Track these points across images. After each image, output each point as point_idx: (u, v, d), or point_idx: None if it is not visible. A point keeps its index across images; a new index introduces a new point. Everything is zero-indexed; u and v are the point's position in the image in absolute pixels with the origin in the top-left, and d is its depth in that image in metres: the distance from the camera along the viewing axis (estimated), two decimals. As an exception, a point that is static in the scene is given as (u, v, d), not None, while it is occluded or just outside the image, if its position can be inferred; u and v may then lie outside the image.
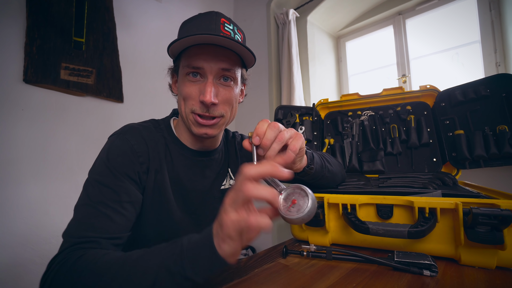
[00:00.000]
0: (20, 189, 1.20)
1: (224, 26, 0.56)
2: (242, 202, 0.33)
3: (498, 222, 0.44)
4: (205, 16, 0.57)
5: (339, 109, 1.00)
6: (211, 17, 0.57)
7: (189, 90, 0.56)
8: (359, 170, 0.88)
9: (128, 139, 0.55)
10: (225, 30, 0.56)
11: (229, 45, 0.54)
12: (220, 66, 0.55)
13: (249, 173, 0.33)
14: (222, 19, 0.57)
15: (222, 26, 0.56)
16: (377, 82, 1.93)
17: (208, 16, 0.57)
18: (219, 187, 0.67)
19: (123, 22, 1.61)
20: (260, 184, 0.34)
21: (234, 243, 0.34)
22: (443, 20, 1.62)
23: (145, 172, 0.55)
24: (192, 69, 0.55)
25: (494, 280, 0.43)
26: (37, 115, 1.27)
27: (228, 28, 0.57)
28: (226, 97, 0.57)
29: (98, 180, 0.50)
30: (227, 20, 0.58)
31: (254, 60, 0.60)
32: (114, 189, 0.49)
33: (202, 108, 0.55)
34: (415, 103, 0.88)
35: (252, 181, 0.33)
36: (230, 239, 0.34)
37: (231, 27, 0.58)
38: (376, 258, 0.49)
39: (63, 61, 1.32)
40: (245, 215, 0.33)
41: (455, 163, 0.77)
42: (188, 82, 0.56)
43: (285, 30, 1.85)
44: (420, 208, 0.52)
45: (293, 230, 0.68)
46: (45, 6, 1.28)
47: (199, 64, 0.54)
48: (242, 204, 0.33)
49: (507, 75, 0.72)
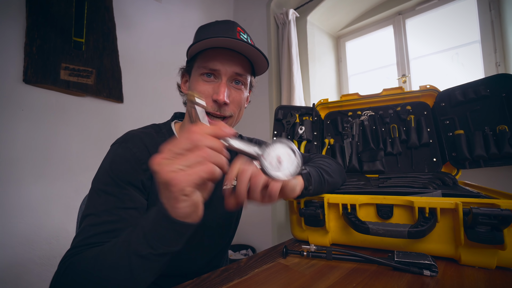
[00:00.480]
0: (20, 189, 1.20)
1: (240, 34, 0.60)
2: (184, 148, 0.32)
3: (498, 222, 0.44)
4: (223, 23, 0.62)
5: (339, 109, 1.00)
6: (228, 25, 0.61)
7: (203, 89, 0.58)
8: (359, 170, 0.88)
9: (130, 147, 0.56)
10: (241, 38, 0.59)
11: (245, 50, 0.58)
12: (234, 70, 0.59)
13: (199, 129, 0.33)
14: (238, 27, 0.61)
15: (238, 34, 0.60)
16: (377, 82, 1.93)
17: (225, 23, 0.61)
18: (221, 186, 0.68)
19: (123, 22, 1.61)
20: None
21: (188, 198, 0.33)
22: (443, 20, 1.62)
23: (149, 179, 0.56)
24: (209, 70, 0.58)
25: (494, 280, 0.43)
26: (37, 115, 1.27)
27: (243, 36, 0.61)
28: (236, 99, 0.61)
29: (102, 189, 0.51)
30: (242, 30, 0.62)
31: (266, 65, 0.64)
32: (118, 197, 0.50)
33: (213, 107, 0.58)
34: (415, 103, 0.88)
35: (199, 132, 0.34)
36: (182, 194, 0.32)
37: (245, 36, 0.62)
38: (376, 258, 0.49)
39: (63, 61, 1.32)
40: (188, 158, 0.32)
41: (455, 163, 0.77)
42: (202, 81, 0.59)
43: (285, 30, 1.85)
44: (420, 208, 0.52)
45: (294, 230, 0.68)
46: (45, 6, 1.28)
47: (216, 66, 0.58)
48: (183, 150, 0.32)
49: (507, 75, 0.72)
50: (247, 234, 2.03)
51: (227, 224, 0.70)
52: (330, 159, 0.74)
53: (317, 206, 0.60)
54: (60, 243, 1.28)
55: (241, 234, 2.04)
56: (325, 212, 0.60)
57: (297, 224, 0.66)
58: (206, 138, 0.33)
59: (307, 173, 0.56)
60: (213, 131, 0.34)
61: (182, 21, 1.97)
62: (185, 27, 1.98)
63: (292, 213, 0.68)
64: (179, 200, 0.33)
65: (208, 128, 0.34)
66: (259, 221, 1.95)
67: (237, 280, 0.47)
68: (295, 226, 0.67)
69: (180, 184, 0.31)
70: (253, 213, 1.98)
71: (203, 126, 0.34)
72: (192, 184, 0.31)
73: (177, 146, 0.32)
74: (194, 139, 0.32)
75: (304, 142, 0.97)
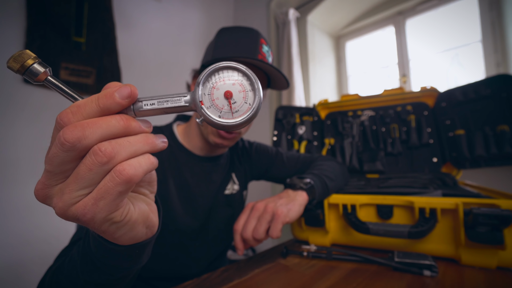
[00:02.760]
0: (19, 189, 1.20)
1: (262, 47, 0.57)
2: (64, 160, 0.19)
3: (498, 222, 0.44)
4: (246, 33, 0.58)
5: (339, 110, 1.00)
6: (252, 37, 0.57)
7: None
8: (359, 170, 0.88)
9: None
10: (262, 51, 0.56)
11: (265, 67, 0.55)
12: None
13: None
14: (262, 39, 0.58)
15: (260, 47, 0.56)
16: (377, 82, 1.92)
17: (249, 34, 0.57)
18: (223, 191, 0.68)
19: (123, 22, 1.61)
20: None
21: (121, 223, 0.22)
22: (443, 20, 1.62)
23: None
24: None
25: (494, 280, 0.43)
26: (37, 115, 1.27)
27: (265, 49, 0.58)
28: None
29: None
30: (265, 41, 0.59)
31: (286, 85, 0.61)
32: None
33: None
34: (415, 104, 0.88)
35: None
36: (110, 225, 0.21)
37: (266, 48, 0.59)
38: (376, 259, 0.49)
39: (63, 61, 1.32)
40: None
41: (455, 163, 0.77)
42: None
43: (285, 30, 1.85)
44: (420, 208, 0.52)
45: (294, 230, 0.68)
46: (45, 6, 1.28)
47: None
48: (68, 168, 0.20)
49: (507, 75, 0.72)
50: (247, 234, 2.03)
51: (228, 230, 0.70)
52: (333, 161, 0.73)
53: (317, 206, 0.60)
54: (60, 243, 1.28)
55: (241, 234, 2.04)
56: (325, 212, 0.59)
57: (297, 224, 0.66)
58: (90, 127, 0.18)
59: (311, 186, 0.55)
60: (99, 106, 0.19)
61: (182, 21, 1.97)
62: (185, 27, 1.98)
63: (292, 213, 0.68)
64: (111, 231, 0.22)
65: (86, 105, 0.19)
66: (259, 221, 1.95)
67: (237, 281, 0.46)
68: (295, 226, 0.67)
69: (96, 217, 0.20)
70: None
71: (77, 106, 0.19)
72: (113, 207, 0.20)
73: (53, 160, 0.19)
74: (69, 140, 0.18)
75: (304, 142, 0.97)
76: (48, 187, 0.20)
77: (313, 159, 0.75)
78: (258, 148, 0.79)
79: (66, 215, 0.20)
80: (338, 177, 0.66)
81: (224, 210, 0.67)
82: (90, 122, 0.19)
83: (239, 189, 0.71)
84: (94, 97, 0.20)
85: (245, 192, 0.76)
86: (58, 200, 0.20)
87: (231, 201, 0.69)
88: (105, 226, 0.21)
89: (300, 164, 0.75)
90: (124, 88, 0.20)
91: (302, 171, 0.73)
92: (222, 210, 0.67)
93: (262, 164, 0.77)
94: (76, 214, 0.19)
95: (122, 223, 0.22)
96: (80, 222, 0.20)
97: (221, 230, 0.68)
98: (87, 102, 0.19)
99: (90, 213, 0.19)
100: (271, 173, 0.77)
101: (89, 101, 0.20)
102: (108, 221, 0.21)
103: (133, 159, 0.20)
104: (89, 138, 0.18)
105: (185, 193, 0.60)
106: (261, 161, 0.77)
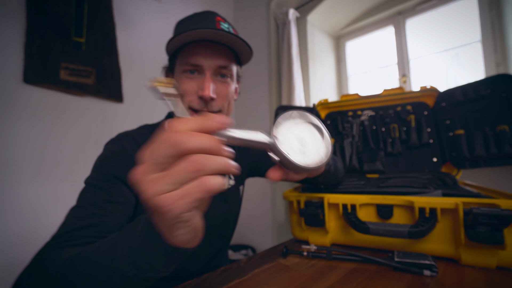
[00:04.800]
0: (19, 189, 1.20)
1: (220, 24, 0.58)
2: (166, 155, 0.23)
3: (498, 222, 0.44)
4: (201, 14, 0.59)
5: (339, 109, 1.00)
6: (207, 16, 0.58)
7: (187, 86, 0.56)
8: (359, 170, 0.88)
9: (123, 145, 0.55)
10: (221, 28, 0.57)
11: (227, 40, 0.55)
12: (217, 63, 0.56)
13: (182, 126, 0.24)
14: (218, 17, 0.59)
15: (218, 24, 0.57)
16: (377, 82, 1.93)
17: (204, 14, 0.59)
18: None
19: (123, 22, 1.61)
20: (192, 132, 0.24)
21: (186, 224, 0.25)
22: (443, 20, 1.62)
23: None
24: (190, 66, 0.56)
25: (494, 280, 0.43)
26: (37, 115, 1.27)
27: (224, 26, 0.58)
28: (223, 93, 0.59)
29: (91, 184, 0.50)
30: (222, 19, 0.59)
31: (251, 54, 0.61)
32: (107, 190, 0.49)
33: (200, 104, 0.56)
34: (415, 103, 0.88)
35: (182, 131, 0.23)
36: (178, 222, 0.25)
37: (226, 25, 0.59)
38: (376, 258, 0.49)
39: (63, 61, 1.32)
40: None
41: (455, 163, 0.77)
42: (185, 78, 0.57)
43: (285, 30, 1.85)
44: (420, 208, 0.52)
45: (293, 230, 0.68)
46: (45, 6, 1.28)
47: (197, 61, 0.55)
48: (165, 158, 0.23)
49: (507, 75, 0.72)
50: (247, 234, 2.03)
51: (225, 226, 0.70)
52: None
53: (317, 206, 0.60)
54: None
55: (241, 234, 2.04)
56: (325, 212, 0.59)
57: (297, 224, 0.66)
58: (193, 137, 0.23)
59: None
60: (200, 124, 0.24)
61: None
62: (185, 27, 1.98)
63: (292, 213, 0.68)
64: (174, 228, 0.26)
65: (192, 121, 0.24)
66: (259, 221, 1.95)
67: (237, 280, 0.46)
68: (295, 226, 0.67)
69: (173, 211, 0.23)
70: (253, 213, 1.98)
71: (184, 120, 0.24)
72: (188, 208, 0.24)
73: (156, 153, 0.23)
74: (175, 141, 0.22)
75: (304, 142, 0.97)
76: (144, 174, 0.24)
77: None
78: None
79: (149, 201, 0.23)
80: (338, 164, 0.68)
81: (220, 206, 0.67)
82: (193, 133, 0.23)
83: (234, 183, 0.71)
84: (198, 117, 0.25)
85: (242, 187, 0.76)
86: (148, 187, 0.23)
87: (227, 197, 0.69)
88: (173, 221, 0.24)
89: None
90: (221, 117, 0.25)
91: None
92: (218, 206, 0.66)
93: (259, 158, 0.77)
94: (158, 204, 0.23)
95: (186, 224, 0.25)
96: (157, 211, 0.24)
97: (218, 226, 0.67)
98: (193, 119, 0.24)
99: (169, 206, 0.23)
100: (266, 168, 0.77)
101: (194, 119, 0.24)
102: (179, 218, 0.24)
103: (216, 176, 0.24)
104: (189, 144, 0.23)
105: None
106: (257, 154, 0.77)
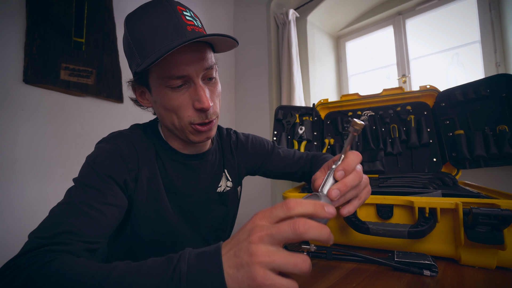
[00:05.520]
0: (19, 189, 1.20)
1: (185, 17, 0.48)
2: (283, 239, 0.28)
3: (498, 222, 0.44)
4: (157, 10, 0.47)
5: (339, 109, 1.00)
6: (167, 10, 0.47)
7: (179, 102, 0.49)
8: (359, 170, 0.88)
9: (118, 144, 0.52)
10: (188, 21, 0.48)
11: (206, 39, 0.48)
12: (202, 66, 0.49)
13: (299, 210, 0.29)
14: (178, 7, 0.48)
15: (183, 17, 0.48)
16: (377, 82, 1.93)
17: (161, 10, 0.47)
18: (215, 189, 0.65)
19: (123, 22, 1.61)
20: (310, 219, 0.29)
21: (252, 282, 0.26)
22: (443, 20, 1.62)
23: (133, 180, 0.52)
24: (176, 79, 0.47)
25: (494, 280, 0.43)
26: (37, 115, 1.27)
27: (188, 17, 0.49)
28: (216, 94, 0.54)
29: (83, 182, 0.46)
30: (183, 7, 0.49)
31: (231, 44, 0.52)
32: (100, 190, 0.45)
33: (200, 117, 0.51)
34: (415, 103, 0.88)
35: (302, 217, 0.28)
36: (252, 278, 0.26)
37: (189, 14, 0.50)
38: (376, 258, 0.49)
39: (63, 61, 1.32)
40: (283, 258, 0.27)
41: (455, 163, 0.77)
42: (173, 93, 0.49)
43: (285, 30, 1.85)
44: (420, 208, 0.52)
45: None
46: (45, 6, 1.28)
47: (183, 72, 0.47)
48: (281, 242, 0.28)
49: (507, 75, 0.72)
50: (247, 234, 2.03)
51: (222, 227, 0.69)
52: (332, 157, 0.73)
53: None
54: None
55: (241, 234, 2.04)
56: (325, 212, 0.59)
57: (297, 224, 0.66)
58: (302, 204, 0.29)
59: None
60: (313, 211, 0.29)
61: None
62: (185, 27, 1.97)
63: (292, 213, 0.68)
64: (242, 276, 0.27)
65: (308, 206, 0.29)
66: (259, 221, 1.95)
67: (237, 280, 0.46)
68: (295, 226, 0.67)
69: (261, 264, 0.26)
70: (253, 213, 1.98)
71: (302, 204, 0.29)
72: (277, 268, 0.27)
73: (273, 215, 0.30)
74: (290, 205, 0.29)
75: (304, 142, 0.97)
76: (261, 231, 0.28)
77: (310, 154, 0.75)
78: (254, 141, 0.75)
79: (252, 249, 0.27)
80: None
81: (218, 208, 0.66)
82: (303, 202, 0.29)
83: (232, 185, 0.69)
84: (313, 205, 0.30)
85: (239, 188, 0.74)
86: (258, 232, 0.28)
87: (225, 199, 0.67)
88: (257, 269, 0.26)
89: (303, 161, 0.74)
90: (333, 208, 0.30)
91: (305, 167, 0.73)
92: (215, 208, 0.66)
93: (258, 158, 0.75)
94: (257, 252, 0.27)
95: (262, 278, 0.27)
96: (253, 262, 0.26)
97: (216, 229, 0.67)
98: (309, 204, 0.30)
99: (265, 258, 0.26)
100: (267, 167, 0.76)
101: (310, 204, 0.30)
102: (267, 269, 0.27)
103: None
104: (296, 211, 0.29)
105: (171, 193, 0.59)
106: (257, 154, 0.74)
